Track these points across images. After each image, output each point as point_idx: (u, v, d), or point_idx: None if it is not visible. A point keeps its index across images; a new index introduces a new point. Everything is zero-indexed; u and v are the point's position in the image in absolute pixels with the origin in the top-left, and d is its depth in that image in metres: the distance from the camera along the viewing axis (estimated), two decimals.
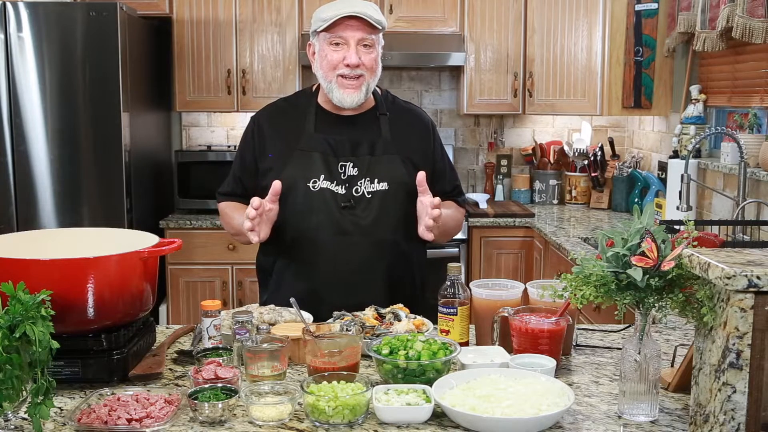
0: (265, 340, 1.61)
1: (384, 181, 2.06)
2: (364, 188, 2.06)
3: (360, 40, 2.03)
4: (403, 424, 1.39)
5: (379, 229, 2.05)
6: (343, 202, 2.04)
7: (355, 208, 2.05)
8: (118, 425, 1.35)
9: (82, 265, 1.53)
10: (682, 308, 1.32)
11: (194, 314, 4.07)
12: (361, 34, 2.02)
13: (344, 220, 2.04)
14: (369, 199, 2.05)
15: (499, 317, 1.71)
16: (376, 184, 2.06)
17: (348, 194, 2.05)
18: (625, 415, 1.43)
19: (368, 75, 2.05)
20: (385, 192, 2.06)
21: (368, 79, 2.06)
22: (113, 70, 3.61)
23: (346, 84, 2.04)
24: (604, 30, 4.16)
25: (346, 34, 2.02)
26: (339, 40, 2.03)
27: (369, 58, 2.05)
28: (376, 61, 2.08)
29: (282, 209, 2.02)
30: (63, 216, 3.70)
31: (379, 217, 2.05)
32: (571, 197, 4.59)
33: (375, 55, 2.07)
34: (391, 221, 2.06)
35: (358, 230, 2.04)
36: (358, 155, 2.08)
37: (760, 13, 2.86)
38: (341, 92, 2.05)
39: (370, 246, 2.05)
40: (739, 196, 3.07)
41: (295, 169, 2.06)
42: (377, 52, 2.09)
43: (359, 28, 2.01)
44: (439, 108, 4.75)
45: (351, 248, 2.05)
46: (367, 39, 2.04)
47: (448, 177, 2.22)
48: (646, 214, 1.39)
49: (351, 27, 2.01)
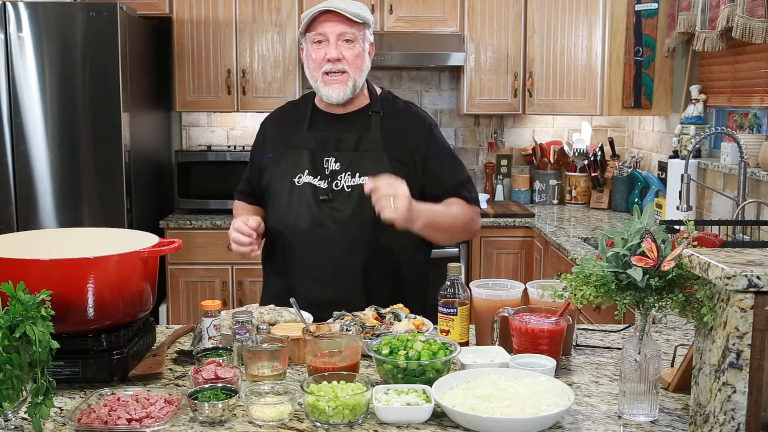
0: (265, 340, 1.61)
1: (365, 175, 2.03)
2: (344, 182, 2.06)
3: (340, 34, 2.04)
4: (403, 424, 1.39)
5: (355, 223, 2.04)
6: (321, 195, 2.06)
7: (333, 201, 2.05)
8: (118, 425, 1.35)
9: (82, 265, 1.53)
10: (682, 308, 1.32)
11: (194, 314, 4.07)
12: (341, 28, 2.04)
13: (322, 214, 2.05)
14: (348, 193, 2.05)
15: (499, 317, 1.71)
16: (357, 178, 2.05)
17: (328, 188, 2.06)
18: (625, 415, 1.43)
19: (352, 70, 2.06)
20: (364, 186, 2.01)
21: (353, 75, 2.07)
22: (113, 70, 3.61)
23: (331, 80, 2.06)
24: (604, 30, 4.16)
25: (325, 29, 2.05)
26: (320, 37, 2.06)
27: (351, 53, 2.05)
28: (360, 56, 2.07)
29: (272, 206, 2.11)
30: (63, 216, 3.70)
31: (357, 211, 2.03)
32: (571, 197, 4.59)
33: (358, 51, 2.07)
34: (370, 216, 1.96)
35: (335, 224, 2.04)
36: (342, 150, 2.09)
37: (760, 13, 2.86)
38: (327, 89, 2.07)
39: (347, 239, 2.04)
40: (739, 196, 3.07)
41: (286, 166, 2.11)
42: (362, 47, 2.08)
43: (338, 22, 2.04)
44: (439, 108, 4.75)
45: (327, 241, 2.04)
46: (347, 33, 2.05)
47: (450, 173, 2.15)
48: (646, 214, 1.39)
49: (329, 22, 2.04)
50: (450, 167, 2.17)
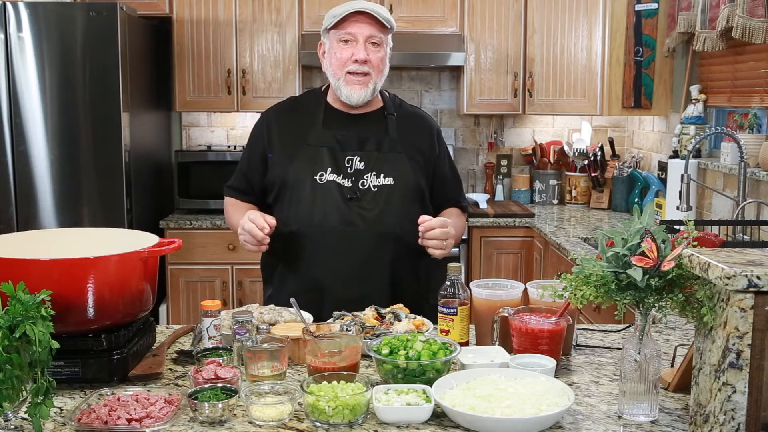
0: (265, 340, 1.61)
1: (390, 176, 2.09)
2: (370, 182, 2.09)
3: (369, 37, 2.06)
4: (403, 424, 1.39)
5: (384, 222, 2.08)
6: (349, 194, 2.07)
7: (361, 200, 2.07)
8: (118, 425, 1.35)
9: (82, 265, 1.53)
10: (682, 308, 1.32)
11: (194, 314, 4.07)
12: (370, 30, 2.06)
13: (350, 212, 2.06)
14: (375, 193, 2.08)
15: (499, 317, 1.71)
16: (382, 178, 2.09)
17: (354, 187, 2.08)
18: (625, 415, 1.43)
19: (375, 73, 2.09)
20: (391, 186, 2.09)
21: (375, 78, 2.10)
22: (113, 70, 3.61)
23: (354, 80, 2.08)
24: (604, 30, 4.16)
25: (355, 30, 2.06)
26: (348, 37, 2.07)
27: (377, 57, 2.08)
28: (383, 61, 2.11)
29: (289, 202, 2.10)
30: (63, 216, 3.70)
31: (385, 210, 2.08)
32: (571, 197, 4.59)
33: (383, 55, 2.11)
34: (397, 215, 2.08)
35: (364, 222, 2.07)
36: (365, 150, 2.11)
37: (760, 13, 2.86)
38: (349, 89, 2.09)
39: (376, 238, 2.07)
40: (739, 196, 3.07)
41: (303, 163, 2.10)
42: (385, 52, 2.12)
43: (369, 24, 2.05)
44: (439, 108, 4.75)
45: (356, 240, 2.06)
46: (375, 37, 2.07)
47: (453, 185, 2.26)
48: (646, 214, 1.39)
49: (360, 23, 2.05)
50: (453, 174, 2.27)
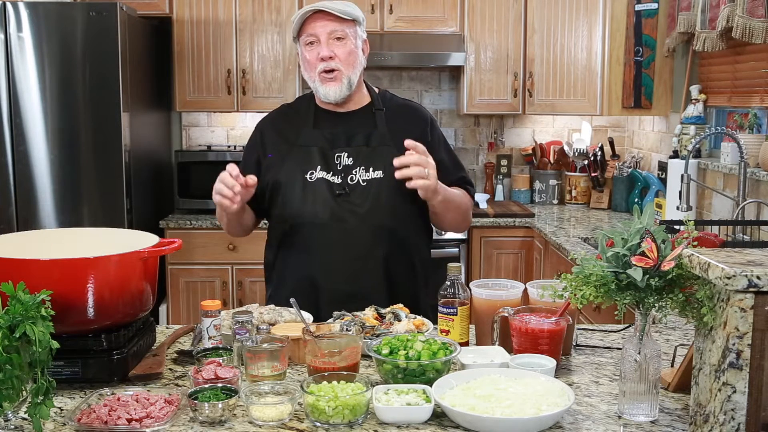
0: (265, 340, 1.61)
1: (379, 169, 2.09)
2: (359, 176, 2.09)
3: (330, 33, 2.07)
4: (403, 424, 1.39)
5: (375, 216, 2.07)
6: (337, 190, 2.07)
7: (350, 195, 2.08)
8: (118, 425, 1.35)
9: (82, 265, 1.53)
10: (682, 308, 1.32)
11: (194, 314, 4.07)
12: (331, 27, 2.06)
13: (340, 208, 2.07)
14: (364, 187, 2.08)
15: (499, 317, 1.71)
16: (371, 172, 2.09)
17: (343, 183, 2.08)
18: (625, 415, 1.43)
19: (344, 67, 2.08)
20: (380, 180, 2.09)
21: (346, 72, 2.09)
22: (113, 70, 3.61)
23: (326, 78, 2.09)
24: (604, 30, 4.16)
25: (317, 30, 2.07)
26: (311, 39, 2.08)
27: (343, 51, 2.08)
28: (352, 53, 2.10)
29: (282, 203, 2.11)
30: (63, 216, 3.70)
31: (375, 204, 2.08)
32: (571, 197, 4.59)
33: (351, 48, 2.09)
34: (388, 208, 2.08)
35: (355, 217, 2.07)
36: (353, 145, 2.12)
37: (760, 13, 2.86)
38: (325, 88, 2.09)
39: (368, 233, 2.07)
40: (739, 196, 3.07)
41: (294, 163, 2.11)
42: (354, 44, 2.11)
43: (328, 21, 2.06)
44: (439, 108, 4.75)
45: (348, 235, 2.07)
46: (337, 31, 2.07)
47: (452, 169, 2.22)
48: (646, 214, 1.39)
49: (319, 22, 2.06)
50: (451, 159, 2.26)
